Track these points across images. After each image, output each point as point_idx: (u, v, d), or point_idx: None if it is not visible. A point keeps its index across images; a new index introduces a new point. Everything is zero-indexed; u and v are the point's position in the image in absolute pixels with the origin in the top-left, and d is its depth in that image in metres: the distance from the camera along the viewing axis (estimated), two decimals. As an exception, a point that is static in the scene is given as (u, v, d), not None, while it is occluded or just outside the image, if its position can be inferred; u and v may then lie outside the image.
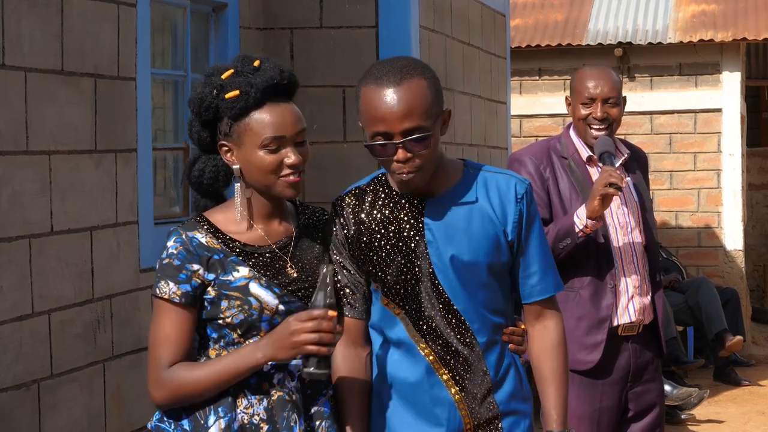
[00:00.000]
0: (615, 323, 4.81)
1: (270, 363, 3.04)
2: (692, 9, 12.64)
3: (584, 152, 4.90)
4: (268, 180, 3.08)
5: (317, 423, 3.14)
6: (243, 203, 3.13)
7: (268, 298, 3.07)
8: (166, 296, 3.05)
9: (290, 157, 3.09)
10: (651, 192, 5.06)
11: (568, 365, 3.33)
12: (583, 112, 4.90)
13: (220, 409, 3.05)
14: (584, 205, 4.68)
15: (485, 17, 9.03)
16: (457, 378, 3.18)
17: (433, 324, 3.17)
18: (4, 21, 4.68)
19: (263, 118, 3.08)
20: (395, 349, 3.21)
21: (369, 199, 3.26)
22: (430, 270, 3.16)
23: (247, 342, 3.07)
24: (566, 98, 5.07)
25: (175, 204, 6.50)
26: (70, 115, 5.12)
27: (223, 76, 3.10)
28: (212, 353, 3.10)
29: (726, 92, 12.34)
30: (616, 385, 4.85)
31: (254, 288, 3.07)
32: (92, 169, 5.27)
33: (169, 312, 3.06)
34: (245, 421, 3.06)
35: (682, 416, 9.12)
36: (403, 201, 3.21)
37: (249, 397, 3.07)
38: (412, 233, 3.17)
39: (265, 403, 3.08)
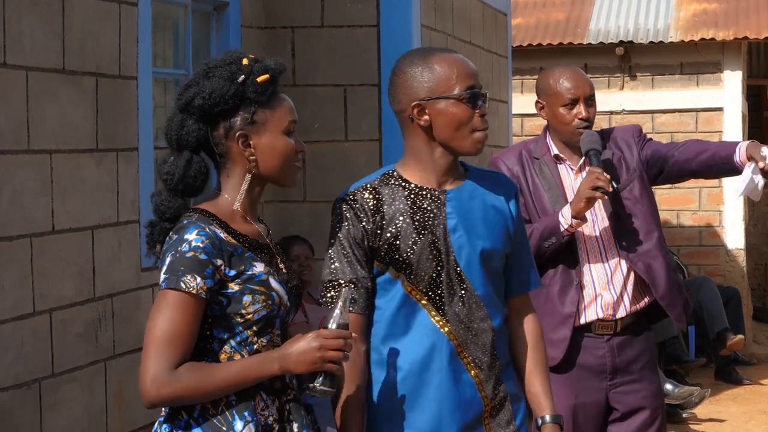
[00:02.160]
0: (582, 320, 4.78)
1: None
2: (693, 8, 12.63)
3: (554, 150, 4.88)
4: (285, 166, 3.12)
5: (309, 417, 3.17)
6: (255, 194, 3.15)
7: (283, 293, 3.07)
8: (194, 291, 2.91)
9: (300, 143, 3.15)
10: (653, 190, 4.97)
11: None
12: (567, 115, 4.84)
13: (246, 413, 2.98)
14: (569, 204, 4.68)
15: (486, 16, 9.03)
16: (477, 361, 3.31)
17: (456, 309, 3.29)
18: (5, 20, 4.68)
19: (284, 103, 3.12)
20: (416, 337, 3.30)
21: (387, 191, 3.35)
22: (453, 257, 3.29)
23: (259, 340, 3.03)
24: (537, 102, 4.93)
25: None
26: (72, 114, 5.12)
27: (245, 63, 3.07)
28: (222, 357, 3.01)
29: (727, 91, 12.33)
30: (592, 382, 4.80)
31: (273, 283, 3.05)
32: (93, 168, 5.27)
33: (189, 307, 2.93)
34: (263, 423, 3.01)
35: (684, 415, 9.11)
36: (424, 192, 3.33)
37: (264, 398, 3.03)
38: (436, 222, 3.30)
39: (276, 402, 3.06)
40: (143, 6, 5.68)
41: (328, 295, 3.29)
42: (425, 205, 3.31)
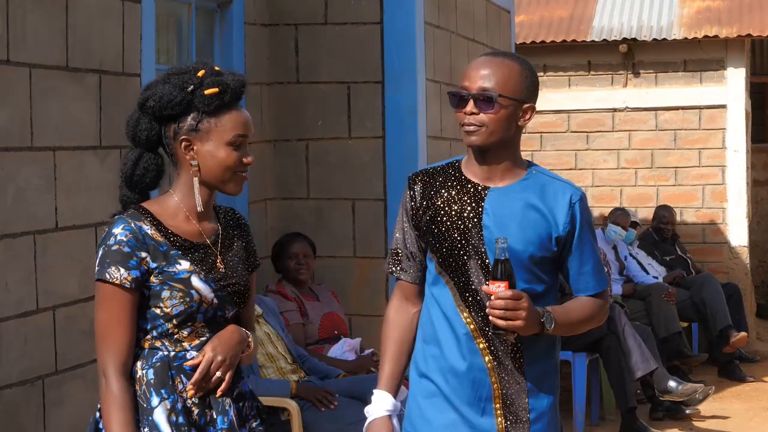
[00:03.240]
0: None
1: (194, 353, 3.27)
2: (697, 5, 12.63)
3: None
4: (226, 176, 3.30)
5: (240, 404, 3.37)
6: (201, 196, 3.31)
7: (206, 291, 3.26)
8: (117, 281, 3.17)
9: (248, 156, 3.33)
10: (655, 188, 4.93)
11: (584, 325, 3.63)
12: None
13: (162, 391, 3.22)
14: None
15: (490, 13, 9.03)
16: (492, 348, 3.51)
17: (478, 297, 3.49)
18: (9, 16, 4.68)
19: (234, 117, 3.31)
20: (442, 314, 3.55)
21: (440, 179, 3.61)
22: (482, 249, 3.50)
23: (180, 332, 3.25)
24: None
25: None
26: (75, 111, 5.12)
27: (199, 74, 3.30)
28: (145, 344, 3.26)
29: (730, 88, 12.32)
30: None
31: (195, 281, 3.25)
32: (97, 165, 5.27)
33: (116, 297, 3.20)
34: (182, 404, 3.24)
35: (687, 411, 9.11)
36: (469, 186, 3.57)
37: (184, 382, 3.25)
38: (471, 215, 3.52)
39: None
40: (147, 3, 5.68)
41: (389, 263, 3.70)
42: (466, 198, 3.54)
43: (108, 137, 5.34)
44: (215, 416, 3.27)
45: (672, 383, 8.76)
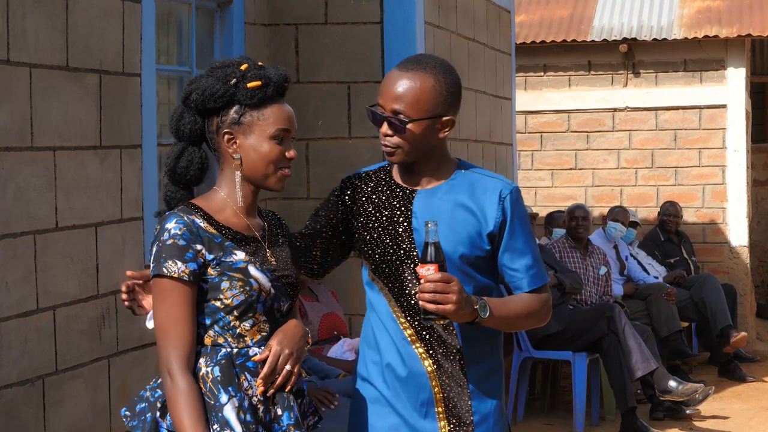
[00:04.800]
0: None
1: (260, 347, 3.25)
2: (697, 5, 12.63)
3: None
4: (268, 170, 3.29)
5: (299, 400, 3.36)
6: (243, 191, 3.31)
7: (264, 280, 3.25)
8: (175, 275, 3.14)
9: (291, 150, 3.31)
10: (656, 188, 4.95)
11: (525, 321, 3.54)
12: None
13: (230, 389, 3.18)
14: None
15: (490, 13, 9.02)
16: (431, 352, 3.47)
17: (413, 302, 3.45)
18: (9, 16, 4.68)
19: (276, 111, 3.30)
20: (379, 320, 3.52)
21: (372, 184, 3.57)
22: (414, 254, 3.45)
23: (241, 325, 3.23)
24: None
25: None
26: (75, 110, 5.12)
27: (242, 68, 3.29)
28: (207, 341, 3.22)
29: (731, 88, 12.33)
30: None
31: (253, 270, 3.24)
32: (97, 164, 5.27)
33: (177, 291, 3.16)
34: (248, 402, 3.21)
35: (687, 411, 9.11)
36: (398, 190, 3.52)
37: (249, 379, 3.22)
38: (401, 219, 3.48)
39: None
40: (147, 3, 5.68)
41: None
42: (395, 202, 3.51)
43: (108, 137, 5.34)
44: (280, 413, 3.25)
45: (672, 383, 8.77)
